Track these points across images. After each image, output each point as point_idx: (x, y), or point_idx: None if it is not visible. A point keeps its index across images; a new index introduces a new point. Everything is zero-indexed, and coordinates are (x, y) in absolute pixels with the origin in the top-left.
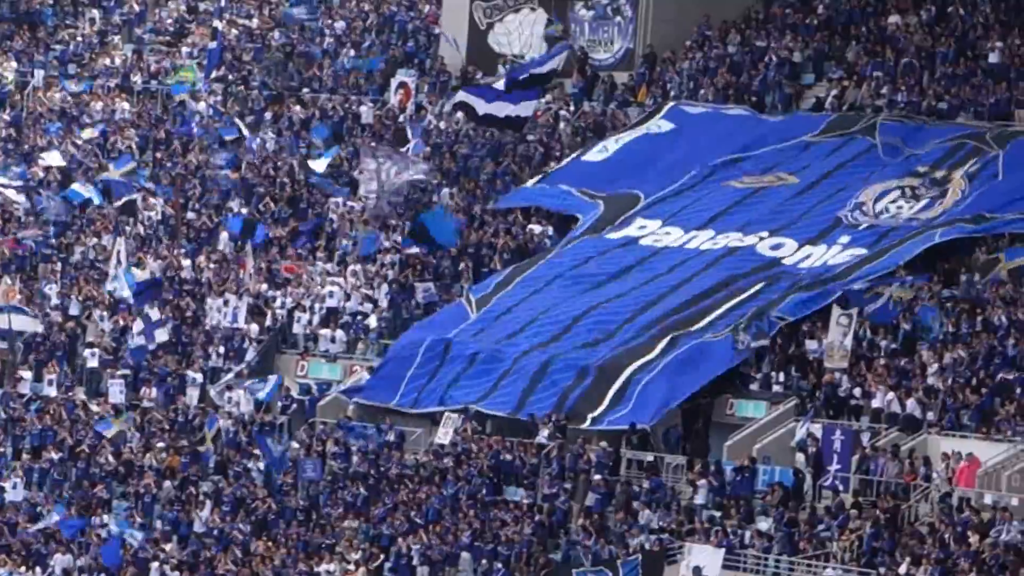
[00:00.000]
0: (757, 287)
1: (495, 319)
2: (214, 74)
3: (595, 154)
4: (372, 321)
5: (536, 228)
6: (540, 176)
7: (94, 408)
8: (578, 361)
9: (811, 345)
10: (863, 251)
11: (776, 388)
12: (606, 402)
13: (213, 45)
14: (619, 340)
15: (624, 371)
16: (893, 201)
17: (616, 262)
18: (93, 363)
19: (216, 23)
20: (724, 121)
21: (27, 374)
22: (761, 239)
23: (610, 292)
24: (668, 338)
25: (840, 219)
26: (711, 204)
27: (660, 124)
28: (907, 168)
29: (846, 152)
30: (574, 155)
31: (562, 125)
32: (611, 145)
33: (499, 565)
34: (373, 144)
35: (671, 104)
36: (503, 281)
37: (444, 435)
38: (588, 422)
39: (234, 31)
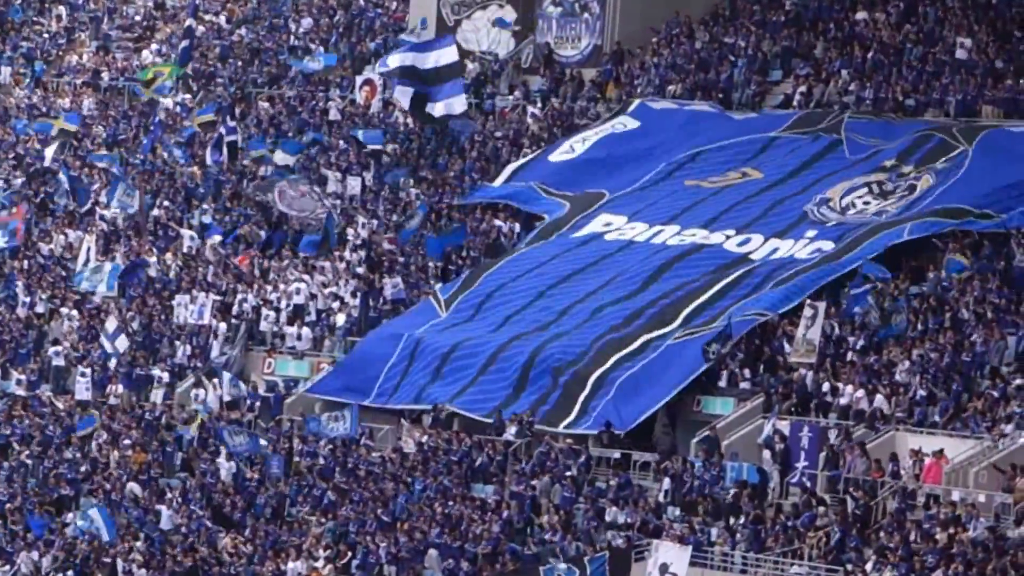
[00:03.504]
0: (727, 280)
1: (465, 317)
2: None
3: (561, 154)
4: (340, 318)
5: (503, 225)
6: (508, 175)
7: (60, 405)
8: (552, 360)
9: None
10: (830, 245)
11: (744, 385)
12: (575, 410)
13: (186, 43)
14: (588, 337)
15: (594, 373)
16: (860, 197)
17: (583, 259)
18: (59, 361)
19: (189, 20)
20: (690, 118)
21: None
22: (728, 237)
23: (579, 290)
24: (641, 340)
25: (806, 213)
26: (676, 201)
27: (626, 122)
28: (874, 164)
29: (811, 149)
30: (540, 151)
31: (529, 121)
32: (578, 146)
33: (466, 563)
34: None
35: (637, 101)
36: (469, 279)
37: (407, 443)
38: (561, 428)
39: (201, 27)
